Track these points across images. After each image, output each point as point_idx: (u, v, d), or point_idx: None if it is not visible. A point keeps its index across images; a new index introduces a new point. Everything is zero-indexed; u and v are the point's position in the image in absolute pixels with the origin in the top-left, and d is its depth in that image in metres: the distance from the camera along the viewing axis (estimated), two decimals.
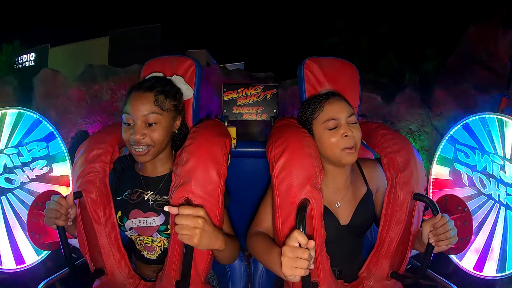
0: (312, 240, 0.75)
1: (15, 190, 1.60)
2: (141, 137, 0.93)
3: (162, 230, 1.00)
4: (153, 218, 1.00)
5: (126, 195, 1.03)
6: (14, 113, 1.61)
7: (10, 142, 1.60)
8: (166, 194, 1.00)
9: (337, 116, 0.99)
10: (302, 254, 0.73)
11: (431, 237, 0.90)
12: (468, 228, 1.10)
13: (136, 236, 1.03)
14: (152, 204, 1.01)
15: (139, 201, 1.02)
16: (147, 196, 1.02)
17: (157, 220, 1.00)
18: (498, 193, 1.49)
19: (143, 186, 1.03)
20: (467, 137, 1.57)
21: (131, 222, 1.01)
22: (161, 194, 1.02)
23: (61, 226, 0.91)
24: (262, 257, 0.95)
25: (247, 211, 1.23)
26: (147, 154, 0.95)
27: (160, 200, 1.01)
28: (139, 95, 0.95)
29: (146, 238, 1.02)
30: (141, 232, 1.02)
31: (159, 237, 1.02)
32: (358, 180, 1.09)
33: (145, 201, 1.01)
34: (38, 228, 1.15)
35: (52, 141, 1.63)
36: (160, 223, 1.00)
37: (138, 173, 1.06)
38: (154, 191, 1.03)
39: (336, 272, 1.00)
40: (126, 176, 1.07)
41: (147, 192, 1.03)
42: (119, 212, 1.02)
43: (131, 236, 1.04)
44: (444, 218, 0.89)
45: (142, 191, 1.03)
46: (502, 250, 1.49)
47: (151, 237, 1.02)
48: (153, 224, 1.00)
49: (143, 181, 1.04)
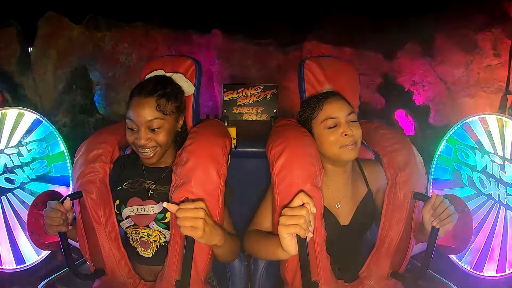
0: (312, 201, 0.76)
1: (15, 190, 1.60)
2: (146, 142, 0.95)
3: (159, 219, 1.00)
4: (151, 206, 1.00)
5: (126, 184, 1.04)
6: (14, 113, 1.61)
7: (10, 142, 1.60)
8: (167, 184, 1.00)
9: (336, 115, 0.99)
10: (299, 211, 0.74)
11: (433, 220, 0.90)
12: (468, 228, 1.10)
13: (132, 228, 1.01)
14: (152, 193, 1.02)
15: (139, 190, 1.02)
16: (148, 185, 1.03)
17: (155, 208, 1.00)
18: (498, 193, 1.49)
19: (144, 175, 1.04)
20: (467, 137, 1.57)
21: (129, 210, 1.00)
22: (162, 183, 1.03)
23: (62, 232, 0.92)
24: (260, 247, 0.94)
25: (247, 211, 1.23)
26: (154, 156, 0.97)
27: (161, 189, 1.02)
28: (141, 101, 0.95)
29: (142, 230, 1.00)
30: (137, 221, 1.00)
31: (155, 228, 1.00)
32: (359, 180, 1.09)
33: (145, 190, 1.02)
34: (38, 228, 1.15)
35: (52, 141, 1.63)
36: (158, 211, 1.00)
37: (140, 165, 1.07)
38: (155, 181, 1.03)
39: (336, 271, 1.00)
40: (128, 168, 1.07)
41: (148, 182, 1.04)
42: (117, 201, 1.01)
43: (126, 228, 1.02)
44: (440, 197, 0.90)
45: (143, 180, 1.04)
46: (502, 250, 1.49)
47: (147, 227, 1.00)
48: (150, 211, 1.00)
49: (145, 171, 1.05)
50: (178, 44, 2.87)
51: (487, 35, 2.46)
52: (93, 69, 2.89)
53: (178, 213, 0.79)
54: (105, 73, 2.90)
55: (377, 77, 2.76)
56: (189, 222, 0.78)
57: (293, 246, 0.76)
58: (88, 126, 2.77)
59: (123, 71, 2.93)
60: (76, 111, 2.78)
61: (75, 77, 2.84)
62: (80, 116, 2.78)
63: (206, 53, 2.81)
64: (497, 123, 1.52)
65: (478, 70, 2.49)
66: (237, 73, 2.79)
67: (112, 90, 2.93)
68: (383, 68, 2.77)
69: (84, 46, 2.88)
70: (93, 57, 2.89)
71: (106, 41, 2.91)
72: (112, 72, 2.92)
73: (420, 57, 2.69)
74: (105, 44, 2.91)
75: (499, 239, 1.49)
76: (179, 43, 2.87)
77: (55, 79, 2.78)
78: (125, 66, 2.93)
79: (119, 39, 2.91)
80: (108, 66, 2.90)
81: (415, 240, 0.99)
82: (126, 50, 2.94)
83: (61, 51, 2.81)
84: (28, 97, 2.74)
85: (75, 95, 2.81)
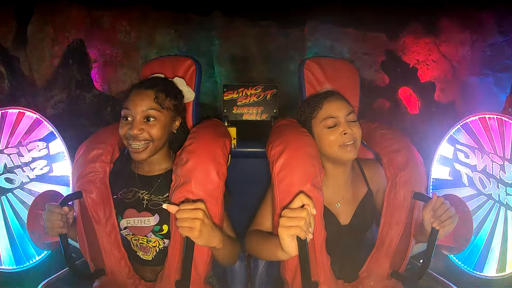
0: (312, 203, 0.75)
1: (15, 190, 1.59)
2: (138, 132, 0.93)
3: (157, 230, 1.00)
4: (147, 218, 0.99)
5: (121, 193, 1.03)
6: (14, 113, 1.61)
7: (10, 142, 1.60)
8: (161, 194, 1.00)
9: (336, 114, 0.99)
10: (299, 212, 0.73)
11: (433, 221, 0.90)
12: (468, 228, 1.10)
13: (131, 235, 1.02)
14: (147, 203, 1.00)
15: (134, 200, 1.01)
16: (142, 195, 1.02)
17: (152, 220, 0.99)
18: (498, 193, 1.49)
19: (138, 185, 1.03)
20: (467, 137, 1.57)
21: (126, 222, 1.00)
22: (156, 193, 1.01)
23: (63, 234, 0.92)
24: (261, 247, 0.94)
25: (247, 211, 1.23)
26: (144, 151, 0.94)
27: (155, 200, 1.01)
28: (140, 92, 0.96)
29: (141, 238, 1.01)
30: (135, 232, 1.01)
31: (153, 237, 1.01)
32: (359, 180, 1.09)
33: (140, 201, 1.01)
34: (38, 228, 1.15)
35: (52, 141, 1.63)
36: (155, 223, 0.99)
37: (134, 172, 1.05)
38: (149, 191, 1.02)
39: (336, 271, 1.00)
40: (122, 175, 1.06)
41: (142, 192, 1.02)
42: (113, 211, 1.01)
43: (126, 235, 1.03)
44: (441, 198, 0.90)
45: (137, 190, 1.02)
46: (502, 250, 1.49)
47: (146, 237, 1.01)
48: (147, 224, 0.99)
49: (138, 180, 1.04)
50: (177, 24, 2.86)
51: (491, 13, 2.46)
52: (91, 46, 2.87)
53: (177, 214, 0.79)
54: (102, 51, 2.89)
55: (380, 56, 2.75)
56: (187, 223, 0.78)
57: (293, 247, 0.75)
58: (85, 101, 2.73)
59: (121, 49, 2.91)
60: (73, 86, 2.74)
61: (72, 52, 2.81)
62: (76, 91, 2.74)
63: (206, 34, 2.80)
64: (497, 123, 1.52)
65: (483, 48, 2.49)
66: (237, 52, 2.79)
67: (110, 67, 2.91)
68: (387, 47, 2.76)
69: (82, 24, 2.86)
70: (91, 34, 2.87)
71: (104, 19, 2.89)
72: (109, 50, 2.90)
73: (424, 36, 2.69)
74: (103, 22, 2.88)
75: (499, 239, 1.49)
76: (179, 24, 2.85)
77: (51, 55, 2.77)
78: (123, 45, 2.92)
79: (118, 18, 2.89)
80: (106, 44, 2.88)
81: (415, 241, 0.99)
82: (124, 28, 2.93)
83: (58, 27, 2.80)
84: (23, 72, 2.72)
85: (72, 70, 2.78)
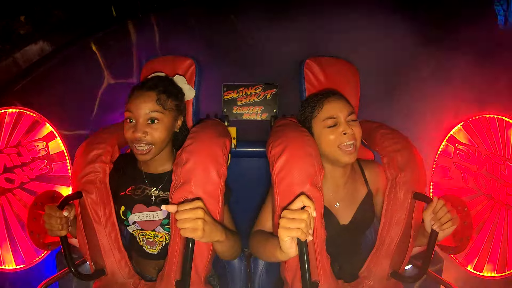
0: (313, 204, 0.74)
1: (15, 190, 1.60)
2: (142, 135, 0.94)
3: (165, 224, 1.02)
4: (156, 212, 1.02)
5: (129, 190, 1.05)
6: (14, 113, 1.61)
7: (10, 142, 1.60)
8: (169, 190, 1.00)
9: (336, 114, 0.99)
10: (300, 214, 0.72)
11: (433, 224, 0.90)
12: (468, 228, 1.10)
13: (138, 231, 1.04)
14: (156, 199, 1.03)
15: (142, 197, 1.03)
16: (150, 191, 1.04)
17: (160, 214, 1.02)
18: (498, 193, 1.49)
19: (146, 182, 1.05)
20: (467, 137, 1.57)
21: (135, 216, 1.02)
22: (164, 190, 1.04)
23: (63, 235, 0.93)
24: (261, 248, 0.94)
25: (247, 211, 1.23)
26: (148, 153, 0.97)
27: (164, 196, 1.03)
28: (142, 93, 0.96)
29: (148, 233, 1.03)
30: (144, 226, 1.03)
31: (161, 231, 1.03)
32: (359, 180, 1.09)
33: (148, 197, 1.03)
34: (38, 228, 1.15)
35: (52, 141, 1.63)
36: (163, 217, 1.02)
37: (141, 170, 1.07)
38: (157, 187, 1.04)
39: (336, 271, 1.00)
40: (128, 173, 1.08)
41: (151, 188, 1.05)
42: (122, 206, 1.03)
43: (133, 231, 1.05)
44: (442, 201, 0.90)
45: (146, 187, 1.05)
46: (502, 250, 1.49)
47: (154, 231, 1.03)
48: (156, 218, 1.02)
49: (145, 178, 1.06)
50: None
51: None
52: None
53: (177, 216, 0.78)
54: None
55: None
56: (189, 224, 0.78)
57: (292, 248, 0.75)
58: None
59: None
60: None
61: None
62: None
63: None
64: (497, 123, 1.52)
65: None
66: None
67: None
68: None
69: None
70: None
71: None
72: None
73: None
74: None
75: (499, 239, 1.49)
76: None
77: None
78: None
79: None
80: None
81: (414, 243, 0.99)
82: None
83: None
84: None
85: None
